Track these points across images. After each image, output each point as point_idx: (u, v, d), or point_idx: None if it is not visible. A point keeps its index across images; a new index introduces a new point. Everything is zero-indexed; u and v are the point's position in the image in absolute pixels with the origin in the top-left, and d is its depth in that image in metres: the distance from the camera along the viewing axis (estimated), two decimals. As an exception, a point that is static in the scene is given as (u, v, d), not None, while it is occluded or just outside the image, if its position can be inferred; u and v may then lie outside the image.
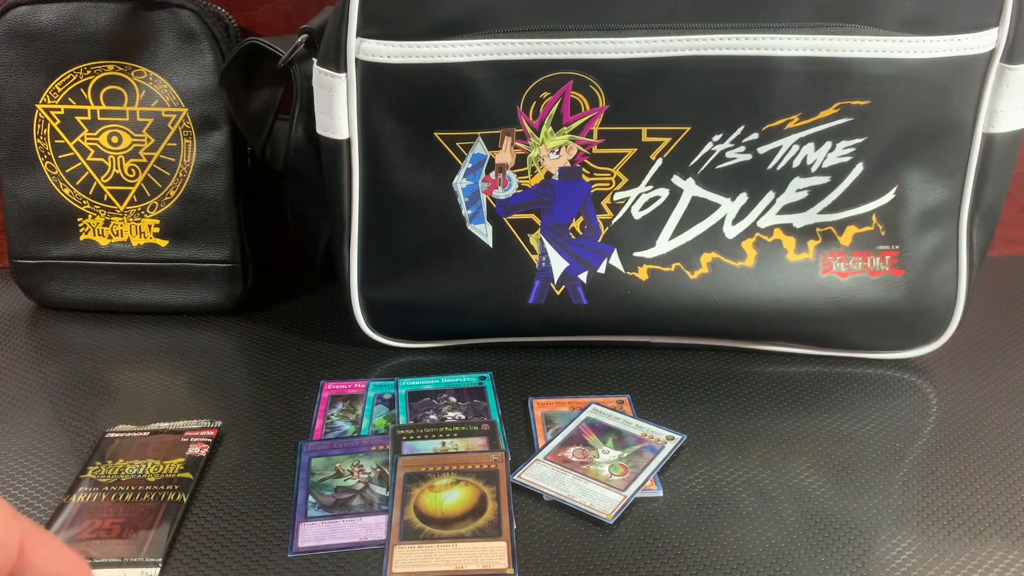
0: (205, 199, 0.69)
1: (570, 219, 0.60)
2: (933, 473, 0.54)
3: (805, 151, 0.57)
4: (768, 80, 0.55)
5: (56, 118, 0.67)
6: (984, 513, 0.50)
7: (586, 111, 0.56)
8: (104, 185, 0.69)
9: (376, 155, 0.58)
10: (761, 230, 0.60)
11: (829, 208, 0.59)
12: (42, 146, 0.68)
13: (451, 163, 0.58)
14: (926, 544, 0.48)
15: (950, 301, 0.62)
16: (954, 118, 0.57)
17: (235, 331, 0.70)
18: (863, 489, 0.52)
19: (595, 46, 0.54)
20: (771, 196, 0.59)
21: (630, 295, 0.61)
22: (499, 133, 0.57)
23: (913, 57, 0.54)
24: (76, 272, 0.71)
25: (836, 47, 0.54)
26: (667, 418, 0.58)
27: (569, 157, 0.58)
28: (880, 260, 0.61)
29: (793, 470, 0.54)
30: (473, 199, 0.59)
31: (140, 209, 0.69)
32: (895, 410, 0.60)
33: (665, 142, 0.57)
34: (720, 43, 0.54)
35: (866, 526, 0.49)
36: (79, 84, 0.67)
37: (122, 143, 0.68)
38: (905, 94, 0.55)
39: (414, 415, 0.58)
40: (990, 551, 0.47)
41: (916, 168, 0.58)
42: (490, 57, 0.55)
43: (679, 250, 0.60)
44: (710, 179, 0.58)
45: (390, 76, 0.56)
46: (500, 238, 0.60)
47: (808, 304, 0.61)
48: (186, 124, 0.67)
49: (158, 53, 0.66)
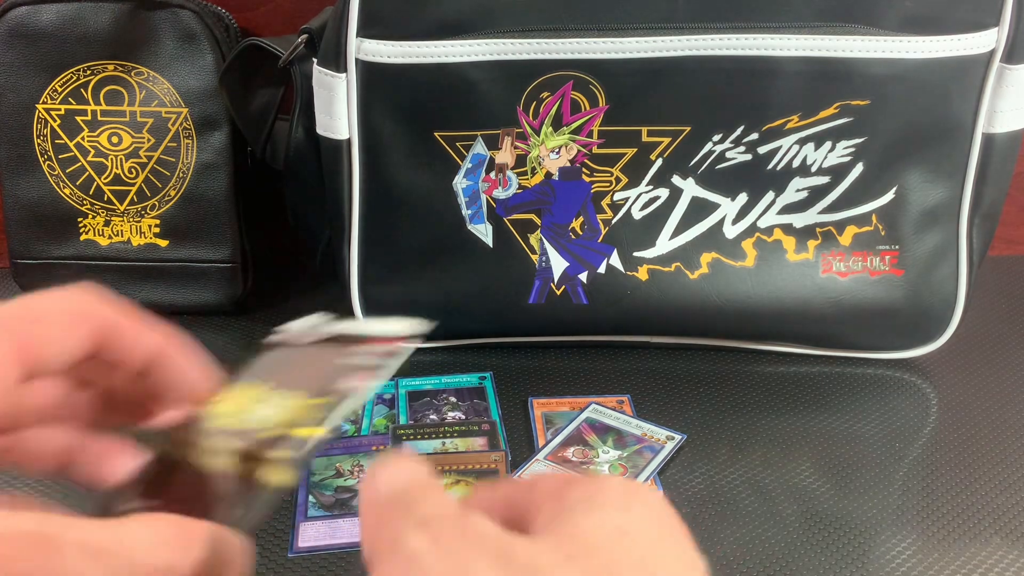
0: (205, 199, 0.69)
1: (570, 219, 0.60)
2: (933, 473, 0.54)
3: (805, 151, 0.57)
4: (768, 80, 0.55)
5: (56, 118, 0.67)
6: (984, 513, 0.50)
7: (586, 111, 0.56)
8: (104, 185, 0.69)
9: (376, 155, 0.58)
10: (761, 230, 0.60)
11: (829, 208, 0.59)
12: (42, 146, 0.68)
13: (451, 163, 0.58)
14: (926, 544, 0.48)
15: (950, 301, 0.62)
16: (954, 118, 0.57)
17: (235, 331, 0.70)
18: (863, 489, 0.52)
19: (595, 46, 0.54)
20: (771, 196, 0.59)
21: (630, 295, 0.61)
22: (499, 133, 0.57)
23: (913, 57, 0.54)
24: (76, 272, 0.71)
25: (836, 47, 0.54)
26: (667, 418, 0.58)
27: (569, 157, 0.58)
28: (880, 260, 0.61)
29: (793, 470, 0.54)
30: (473, 199, 0.59)
31: (140, 209, 0.69)
32: (895, 410, 0.60)
33: (665, 142, 0.57)
34: (720, 43, 0.54)
35: (866, 526, 0.49)
36: (79, 84, 0.67)
37: (122, 143, 0.68)
38: (905, 94, 0.55)
39: (414, 415, 0.58)
40: (990, 551, 0.47)
41: (916, 168, 0.58)
42: (490, 57, 0.55)
43: (679, 250, 0.60)
44: (710, 179, 0.58)
45: (390, 76, 0.56)
46: (500, 238, 0.60)
47: (808, 304, 0.61)
48: (186, 124, 0.67)
49: (158, 53, 0.66)
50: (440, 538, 0.22)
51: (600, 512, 0.23)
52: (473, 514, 0.23)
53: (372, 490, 0.25)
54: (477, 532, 0.22)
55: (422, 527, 0.22)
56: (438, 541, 0.22)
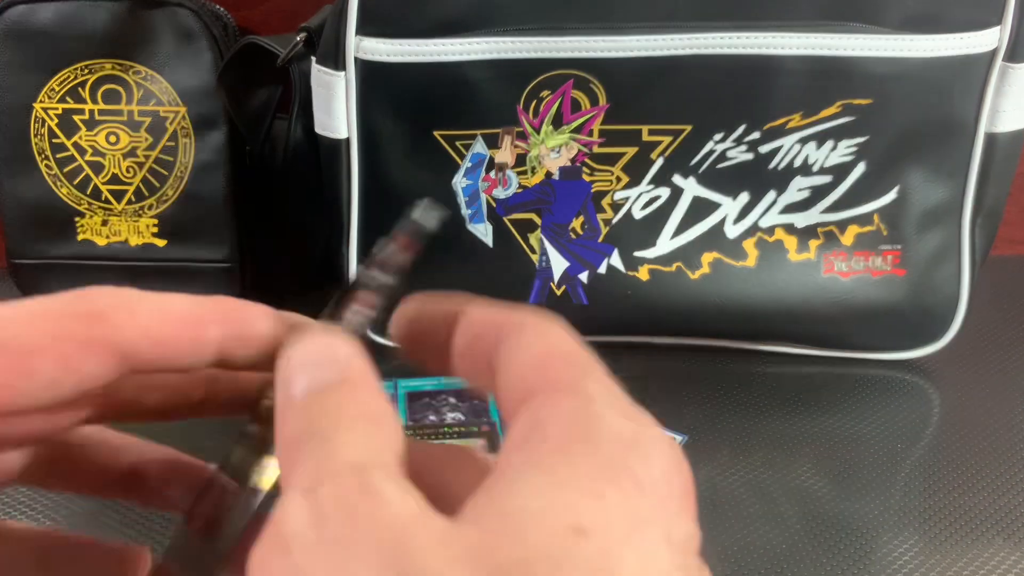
0: (203, 199, 0.68)
1: (570, 219, 0.60)
2: (935, 474, 0.53)
3: (807, 150, 0.57)
4: (769, 79, 0.54)
5: (54, 117, 0.67)
6: (987, 514, 0.50)
7: (586, 110, 0.56)
8: (102, 185, 0.68)
9: (375, 154, 0.58)
10: (762, 230, 0.60)
11: (831, 208, 0.59)
12: (39, 145, 0.68)
13: (451, 162, 0.58)
14: (928, 545, 0.48)
15: (952, 301, 0.62)
16: (956, 117, 0.57)
17: (234, 331, 0.70)
18: (865, 490, 0.52)
19: (596, 45, 0.54)
20: (772, 196, 0.59)
21: (631, 295, 0.61)
22: (499, 132, 0.57)
23: (915, 56, 0.54)
24: (74, 272, 0.71)
25: (838, 46, 0.53)
26: (667, 418, 0.58)
27: (569, 156, 0.58)
28: (882, 260, 0.60)
29: (794, 471, 0.54)
30: (473, 198, 0.59)
31: (138, 209, 0.69)
32: (897, 411, 0.60)
33: (666, 141, 0.57)
34: (721, 42, 0.53)
35: (868, 527, 0.49)
36: (77, 83, 0.66)
37: (120, 142, 0.67)
38: (907, 93, 0.55)
39: (413, 416, 0.58)
40: (992, 552, 0.47)
41: (918, 167, 0.58)
42: (490, 56, 0.54)
43: (680, 250, 0.60)
44: (711, 178, 0.58)
45: (389, 75, 0.55)
46: (500, 238, 0.60)
47: (810, 304, 0.61)
48: (184, 123, 0.67)
49: (156, 52, 0.66)
50: (324, 519, 0.16)
51: (559, 492, 0.16)
52: (385, 480, 0.17)
53: (285, 393, 0.19)
54: (373, 514, 0.16)
55: (308, 495, 0.16)
56: (320, 524, 0.16)
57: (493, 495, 0.17)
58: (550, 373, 0.19)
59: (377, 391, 0.19)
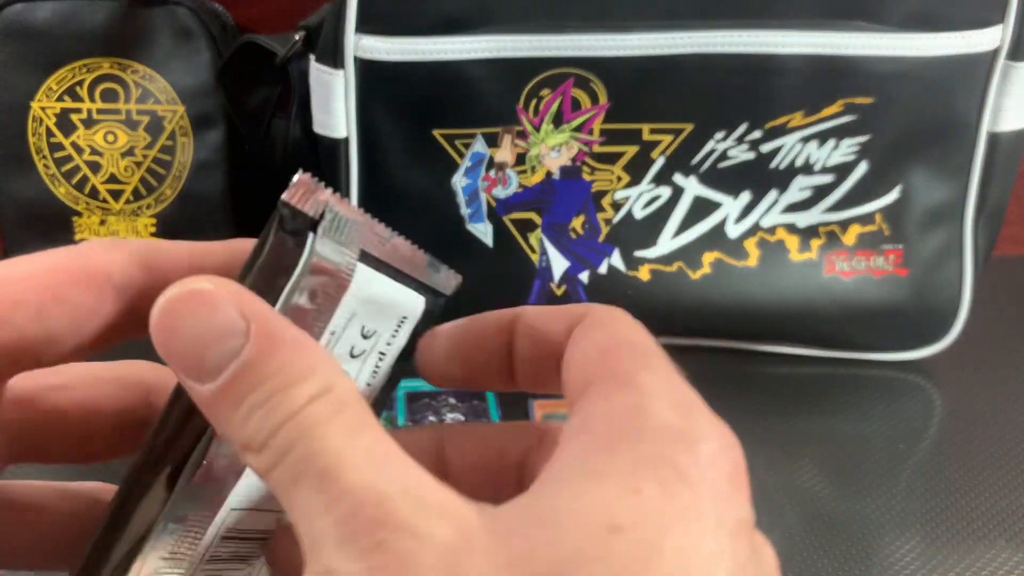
0: (202, 198, 0.68)
1: (570, 218, 0.59)
2: (938, 475, 0.53)
3: (808, 149, 0.57)
4: (771, 77, 0.54)
5: (51, 116, 0.67)
6: (989, 516, 0.50)
7: (587, 109, 0.56)
8: (100, 184, 0.68)
9: (374, 153, 0.58)
10: (764, 229, 0.60)
11: (833, 207, 0.59)
12: (37, 144, 0.68)
13: (450, 161, 0.58)
14: (930, 547, 0.47)
15: (955, 301, 0.61)
16: (959, 116, 0.57)
17: (232, 331, 0.70)
18: (867, 491, 0.52)
19: (596, 43, 0.54)
20: (774, 195, 0.58)
21: (631, 295, 0.61)
22: (499, 131, 0.57)
23: (917, 55, 0.54)
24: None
25: (839, 44, 0.53)
26: (668, 419, 0.58)
27: (570, 155, 0.58)
28: (884, 260, 0.60)
29: (796, 472, 0.53)
30: (472, 198, 0.59)
31: (136, 208, 0.69)
32: (899, 411, 0.59)
33: (667, 140, 0.57)
34: (722, 40, 0.53)
35: (870, 528, 0.49)
36: (75, 82, 0.66)
37: (118, 141, 0.67)
38: (909, 92, 0.55)
39: (413, 416, 0.58)
40: (995, 553, 0.47)
41: (920, 167, 0.58)
42: (490, 54, 0.54)
43: (681, 250, 0.60)
44: (712, 178, 0.58)
45: (389, 73, 0.55)
46: (500, 237, 0.60)
47: (811, 304, 0.61)
48: (182, 122, 0.67)
49: (154, 51, 0.66)
50: (375, 571, 0.15)
51: (598, 491, 0.15)
52: (412, 513, 0.15)
53: (191, 386, 0.17)
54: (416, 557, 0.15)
55: (349, 548, 0.15)
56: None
57: (535, 497, 0.17)
58: (609, 364, 0.19)
59: (311, 344, 0.17)
